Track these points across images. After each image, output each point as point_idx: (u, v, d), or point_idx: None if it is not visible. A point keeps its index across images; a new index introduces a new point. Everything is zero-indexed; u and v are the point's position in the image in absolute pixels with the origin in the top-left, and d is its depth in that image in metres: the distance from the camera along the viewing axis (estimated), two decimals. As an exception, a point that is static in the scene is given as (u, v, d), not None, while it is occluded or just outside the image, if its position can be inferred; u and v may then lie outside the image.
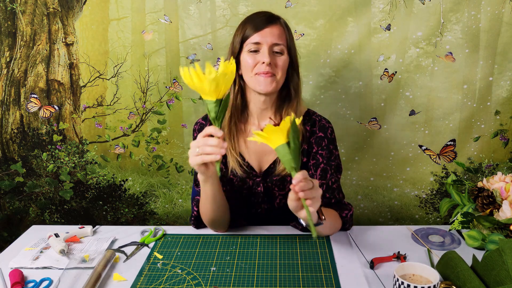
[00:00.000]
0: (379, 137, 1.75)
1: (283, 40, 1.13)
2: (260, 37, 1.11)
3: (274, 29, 1.12)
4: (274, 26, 1.12)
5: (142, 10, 1.66)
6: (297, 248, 1.09)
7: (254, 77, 1.13)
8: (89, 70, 1.73)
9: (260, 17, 1.13)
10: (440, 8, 1.58)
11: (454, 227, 1.09)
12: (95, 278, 0.94)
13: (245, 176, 1.21)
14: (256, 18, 1.14)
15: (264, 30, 1.11)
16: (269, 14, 1.16)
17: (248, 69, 1.13)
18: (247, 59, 1.12)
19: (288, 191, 1.22)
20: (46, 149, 1.83)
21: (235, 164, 1.18)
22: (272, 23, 1.12)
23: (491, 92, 1.66)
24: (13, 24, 1.69)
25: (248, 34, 1.12)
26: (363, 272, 0.99)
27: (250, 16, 1.17)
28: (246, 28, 1.13)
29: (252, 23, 1.12)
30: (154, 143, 1.81)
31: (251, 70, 1.12)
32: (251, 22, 1.13)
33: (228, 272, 0.99)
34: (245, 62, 1.13)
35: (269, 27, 1.11)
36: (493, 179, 1.13)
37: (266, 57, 1.09)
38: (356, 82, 1.68)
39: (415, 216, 1.83)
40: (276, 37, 1.11)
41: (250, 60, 1.12)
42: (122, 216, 1.91)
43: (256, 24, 1.12)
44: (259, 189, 1.21)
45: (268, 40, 1.10)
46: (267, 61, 1.09)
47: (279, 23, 1.14)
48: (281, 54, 1.13)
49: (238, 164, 1.18)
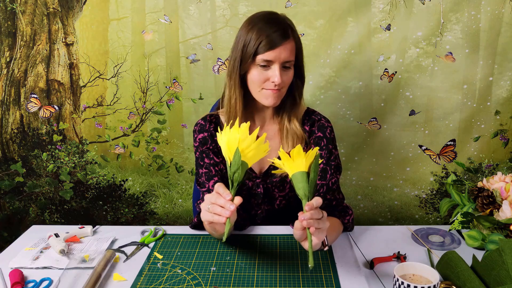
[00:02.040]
0: (379, 137, 1.75)
1: (293, 56, 1.12)
2: (274, 56, 1.09)
3: (287, 46, 1.10)
4: (287, 42, 1.10)
5: (142, 10, 1.66)
6: (297, 248, 1.09)
7: (261, 92, 1.13)
8: (89, 70, 1.73)
9: (275, 32, 1.09)
10: (440, 8, 1.58)
11: (454, 227, 1.09)
12: (95, 278, 0.94)
13: (245, 178, 1.20)
14: (270, 33, 1.09)
15: (279, 49, 1.08)
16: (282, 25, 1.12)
17: (256, 84, 1.12)
18: (256, 74, 1.11)
19: (288, 192, 1.23)
20: (46, 149, 1.83)
21: None
22: (286, 39, 1.10)
23: (491, 92, 1.65)
24: (13, 24, 1.69)
25: (261, 50, 1.09)
26: (363, 272, 0.99)
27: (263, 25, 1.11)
28: (260, 41, 1.09)
29: (266, 39, 1.08)
30: (154, 143, 1.81)
31: (260, 85, 1.12)
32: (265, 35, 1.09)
33: (228, 272, 0.99)
34: (253, 76, 1.12)
35: (283, 45, 1.09)
36: (493, 179, 1.13)
37: (277, 77, 1.09)
38: (356, 82, 1.68)
39: (415, 216, 1.83)
40: (288, 54, 1.10)
41: (260, 76, 1.11)
42: (122, 216, 1.91)
43: (271, 40, 1.08)
44: (258, 190, 1.21)
45: (281, 58, 1.09)
46: (278, 81, 1.09)
47: (292, 37, 1.11)
48: (290, 68, 1.13)
49: None
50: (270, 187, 1.22)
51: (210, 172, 1.19)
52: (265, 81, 1.11)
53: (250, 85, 1.14)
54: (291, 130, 1.19)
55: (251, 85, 1.14)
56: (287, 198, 1.24)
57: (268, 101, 1.13)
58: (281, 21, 1.13)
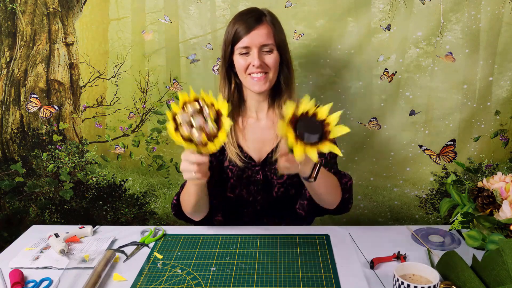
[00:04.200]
0: (379, 137, 1.75)
1: (271, 39, 1.17)
2: (249, 41, 1.15)
3: (261, 30, 1.16)
4: (261, 26, 1.16)
5: (142, 10, 1.66)
6: (297, 248, 1.09)
7: (248, 78, 1.19)
8: (89, 70, 1.73)
9: (248, 17, 1.17)
10: (440, 8, 1.58)
11: (454, 227, 1.09)
12: (95, 278, 0.94)
13: (244, 166, 1.24)
14: (245, 19, 1.17)
15: (252, 33, 1.15)
16: (256, 12, 1.19)
17: (241, 71, 1.19)
18: (239, 61, 1.18)
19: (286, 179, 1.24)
20: (46, 149, 1.83)
21: (234, 156, 1.22)
22: (259, 23, 1.16)
23: (491, 92, 1.65)
24: (13, 24, 1.69)
25: (237, 37, 1.16)
26: (363, 272, 0.99)
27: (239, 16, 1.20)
28: (235, 29, 1.16)
29: (241, 25, 1.16)
30: (154, 143, 1.81)
31: (244, 72, 1.18)
32: (240, 23, 1.17)
33: (228, 272, 0.99)
34: (237, 64, 1.19)
35: (256, 29, 1.15)
36: (493, 179, 1.13)
37: (256, 60, 1.15)
38: (356, 82, 1.68)
39: (415, 216, 1.83)
40: (264, 37, 1.16)
41: (242, 62, 1.17)
42: (122, 216, 1.91)
43: (245, 26, 1.15)
44: (258, 177, 1.25)
45: (256, 43, 1.15)
46: (257, 63, 1.14)
47: (265, 21, 1.17)
48: (271, 52, 1.17)
49: (237, 156, 1.22)
50: (269, 174, 1.25)
51: None
52: (248, 66, 1.17)
53: (239, 74, 1.21)
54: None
55: (238, 75, 1.21)
56: (285, 186, 1.26)
57: (255, 88, 1.19)
58: (257, 10, 1.21)
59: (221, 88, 1.25)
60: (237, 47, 1.17)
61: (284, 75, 1.23)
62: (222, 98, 0.94)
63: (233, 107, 1.23)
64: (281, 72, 1.22)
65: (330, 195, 1.15)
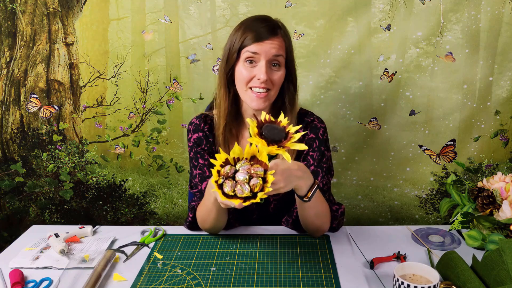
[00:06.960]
0: (379, 137, 1.75)
1: (282, 51, 1.08)
2: (260, 48, 1.05)
3: (275, 42, 1.06)
4: (276, 38, 1.07)
5: (142, 10, 1.66)
6: (297, 248, 1.09)
7: (248, 92, 1.08)
8: (89, 70, 1.73)
9: (263, 26, 1.07)
10: (440, 8, 1.58)
11: (454, 227, 1.09)
12: (95, 278, 0.94)
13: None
14: (258, 27, 1.07)
15: (265, 43, 1.05)
16: (271, 23, 1.09)
17: (242, 82, 1.08)
18: (242, 70, 1.07)
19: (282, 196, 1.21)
20: (46, 149, 1.83)
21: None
22: (273, 35, 1.06)
23: (491, 92, 1.66)
24: (13, 24, 1.69)
25: (247, 43, 1.06)
26: (363, 272, 0.99)
27: (251, 22, 1.10)
28: (246, 36, 1.06)
29: (253, 32, 1.06)
30: (154, 143, 1.81)
31: (245, 84, 1.08)
32: (251, 30, 1.06)
33: (228, 272, 0.99)
34: (239, 74, 1.08)
35: (270, 39, 1.05)
36: (493, 179, 1.13)
37: (263, 73, 1.04)
38: (356, 82, 1.68)
39: (415, 216, 1.83)
40: (276, 49, 1.06)
41: (246, 73, 1.06)
42: (122, 216, 1.91)
43: (257, 34, 1.05)
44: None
45: (267, 53, 1.05)
46: (263, 78, 1.04)
47: (280, 34, 1.08)
48: (279, 66, 1.08)
49: None
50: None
51: (204, 173, 1.18)
52: (251, 79, 1.06)
53: (237, 84, 1.10)
54: None
55: (238, 84, 1.10)
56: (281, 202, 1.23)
57: (253, 104, 1.08)
58: (271, 19, 1.11)
59: (220, 97, 1.14)
60: (244, 51, 1.06)
61: (290, 95, 1.13)
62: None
63: (230, 120, 1.15)
64: (286, 90, 1.13)
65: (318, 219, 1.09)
